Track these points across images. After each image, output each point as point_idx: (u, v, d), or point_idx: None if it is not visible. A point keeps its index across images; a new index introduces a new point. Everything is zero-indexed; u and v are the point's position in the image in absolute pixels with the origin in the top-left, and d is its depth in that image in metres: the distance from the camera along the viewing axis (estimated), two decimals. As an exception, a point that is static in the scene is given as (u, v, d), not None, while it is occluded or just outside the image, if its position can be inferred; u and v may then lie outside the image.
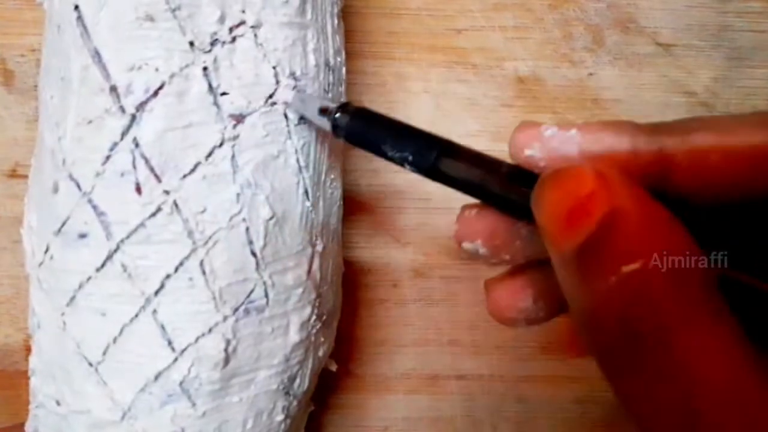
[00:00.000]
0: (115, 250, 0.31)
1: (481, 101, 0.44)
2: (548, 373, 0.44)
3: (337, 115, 0.31)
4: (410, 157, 0.29)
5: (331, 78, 0.35)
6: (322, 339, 0.37)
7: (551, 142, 0.26)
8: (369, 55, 0.43)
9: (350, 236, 0.44)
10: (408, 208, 0.44)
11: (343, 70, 0.37)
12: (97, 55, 0.30)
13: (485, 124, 0.44)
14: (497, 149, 0.43)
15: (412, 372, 0.44)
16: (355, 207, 0.44)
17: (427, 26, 0.44)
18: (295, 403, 0.36)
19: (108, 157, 0.31)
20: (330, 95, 0.35)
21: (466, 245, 0.29)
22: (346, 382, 0.44)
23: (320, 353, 0.37)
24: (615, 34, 0.44)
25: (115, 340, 0.32)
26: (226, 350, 0.32)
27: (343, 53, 0.37)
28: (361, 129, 0.31)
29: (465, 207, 0.30)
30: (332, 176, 0.36)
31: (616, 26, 0.44)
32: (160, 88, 0.30)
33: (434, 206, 0.44)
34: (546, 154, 0.26)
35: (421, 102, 0.44)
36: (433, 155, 0.28)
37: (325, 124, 0.31)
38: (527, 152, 0.27)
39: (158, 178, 0.31)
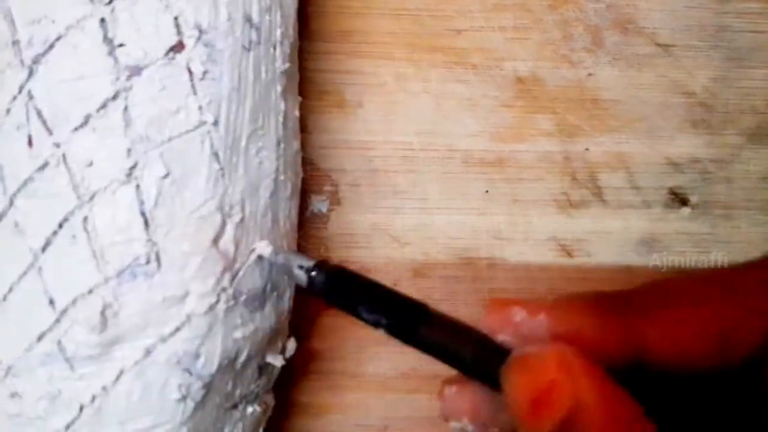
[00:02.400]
0: (10, 205, 0.31)
1: (481, 101, 0.44)
2: (548, 373, 0.44)
3: (314, 273, 0.31)
4: (385, 323, 0.29)
5: (254, 36, 0.34)
6: (240, 321, 0.34)
7: (521, 329, 0.27)
8: (368, 55, 0.43)
9: (350, 236, 0.44)
10: (408, 208, 0.44)
11: (284, 33, 0.35)
12: (9, 12, 0.31)
13: (485, 125, 0.44)
14: (497, 149, 0.44)
15: (412, 372, 0.44)
16: (354, 206, 0.44)
17: (427, 26, 0.44)
18: (199, 384, 0.33)
19: (9, 111, 0.31)
20: (251, 54, 0.34)
21: (454, 424, 0.28)
22: (346, 382, 0.44)
23: (237, 335, 0.34)
24: (614, 34, 0.44)
25: (5, 298, 0.31)
26: (103, 314, 0.31)
27: (291, 17, 0.36)
28: (337, 289, 0.31)
29: (444, 383, 0.29)
30: (259, 144, 0.34)
31: (615, 27, 0.44)
32: (57, 40, 0.30)
33: (434, 206, 0.44)
34: (518, 340, 0.27)
35: (421, 102, 0.44)
36: (407, 323, 0.28)
37: (302, 279, 0.31)
38: (500, 337, 0.27)
39: (49, 131, 0.30)
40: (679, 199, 0.45)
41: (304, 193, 0.43)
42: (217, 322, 0.33)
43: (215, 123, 0.32)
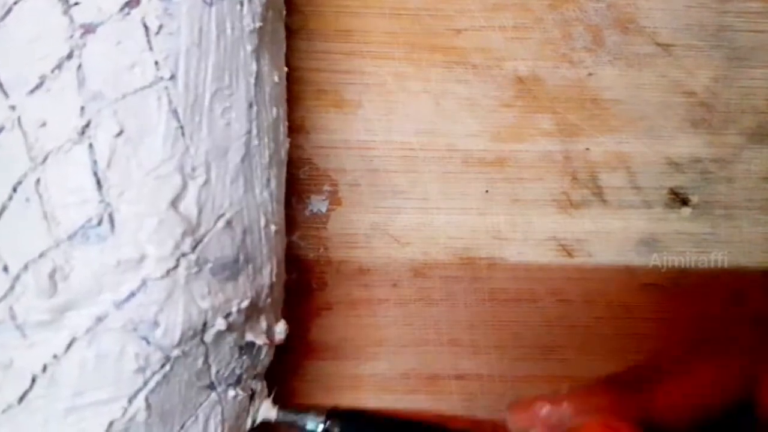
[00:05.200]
0: None
1: (481, 101, 0.44)
2: (548, 373, 0.44)
3: (327, 423, 0.33)
4: None
5: None
6: (207, 290, 0.32)
7: (550, 419, 0.31)
8: (368, 54, 0.43)
9: (350, 236, 0.44)
10: (408, 208, 0.44)
11: None
12: None
13: (485, 124, 0.44)
14: (497, 149, 0.44)
15: (411, 372, 0.44)
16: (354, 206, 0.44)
17: (427, 26, 0.44)
18: (159, 355, 0.32)
19: None
20: (213, 9, 0.32)
21: None
22: (344, 382, 0.44)
23: (204, 304, 0.32)
24: (614, 34, 0.44)
25: None
26: (52, 277, 0.30)
27: None
28: None
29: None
30: (226, 104, 0.33)
31: (615, 26, 0.44)
32: (15, 3, 0.30)
33: (434, 206, 0.44)
34: (549, 430, 0.31)
35: (421, 102, 0.44)
36: None
37: None
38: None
39: (6, 95, 0.30)
40: (679, 199, 0.45)
41: (304, 192, 0.43)
42: (177, 289, 0.31)
43: (172, 78, 0.31)
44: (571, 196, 0.44)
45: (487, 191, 0.44)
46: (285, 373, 0.43)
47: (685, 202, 0.45)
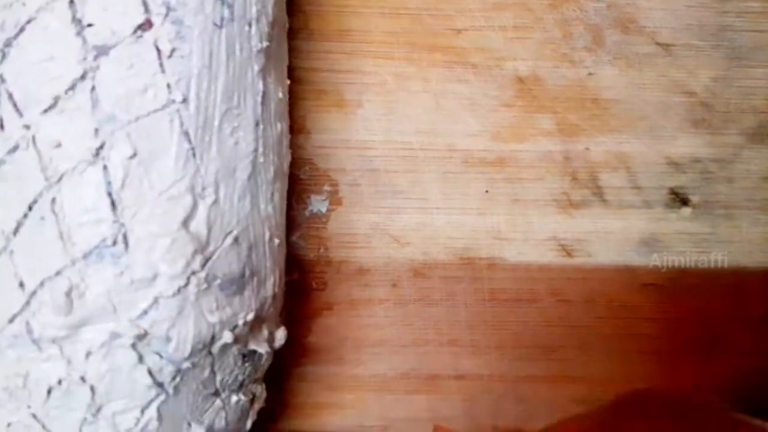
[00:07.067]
0: None
1: (481, 101, 0.44)
2: (548, 373, 0.44)
3: None
4: None
5: (226, 13, 0.33)
6: (215, 305, 0.33)
7: None
8: (368, 54, 0.43)
9: (350, 236, 0.44)
10: (408, 208, 0.44)
11: (260, 11, 0.35)
12: None
13: (485, 124, 0.44)
14: (497, 149, 0.44)
15: (411, 372, 0.44)
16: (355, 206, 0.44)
17: (427, 26, 0.44)
18: (170, 368, 0.33)
19: None
20: (223, 31, 0.33)
21: None
22: (345, 382, 0.44)
23: (212, 319, 0.33)
24: (615, 33, 0.44)
25: None
26: (69, 295, 0.30)
27: None
28: None
29: None
30: (234, 124, 0.34)
31: (615, 26, 0.44)
32: (28, 22, 0.30)
33: (434, 206, 0.44)
34: None
35: (421, 101, 0.44)
36: None
37: None
38: None
39: (20, 113, 0.30)
40: (679, 198, 0.45)
41: (304, 192, 0.43)
42: (187, 305, 0.32)
43: (184, 101, 0.32)
44: (571, 196, 0.44)
45: (487, 191, 0.44)
46: (285, 373, 0.43)
47: (685, 202, 0.45)
